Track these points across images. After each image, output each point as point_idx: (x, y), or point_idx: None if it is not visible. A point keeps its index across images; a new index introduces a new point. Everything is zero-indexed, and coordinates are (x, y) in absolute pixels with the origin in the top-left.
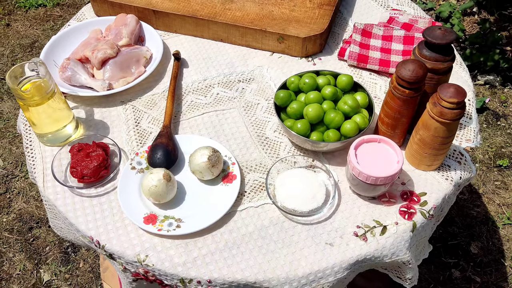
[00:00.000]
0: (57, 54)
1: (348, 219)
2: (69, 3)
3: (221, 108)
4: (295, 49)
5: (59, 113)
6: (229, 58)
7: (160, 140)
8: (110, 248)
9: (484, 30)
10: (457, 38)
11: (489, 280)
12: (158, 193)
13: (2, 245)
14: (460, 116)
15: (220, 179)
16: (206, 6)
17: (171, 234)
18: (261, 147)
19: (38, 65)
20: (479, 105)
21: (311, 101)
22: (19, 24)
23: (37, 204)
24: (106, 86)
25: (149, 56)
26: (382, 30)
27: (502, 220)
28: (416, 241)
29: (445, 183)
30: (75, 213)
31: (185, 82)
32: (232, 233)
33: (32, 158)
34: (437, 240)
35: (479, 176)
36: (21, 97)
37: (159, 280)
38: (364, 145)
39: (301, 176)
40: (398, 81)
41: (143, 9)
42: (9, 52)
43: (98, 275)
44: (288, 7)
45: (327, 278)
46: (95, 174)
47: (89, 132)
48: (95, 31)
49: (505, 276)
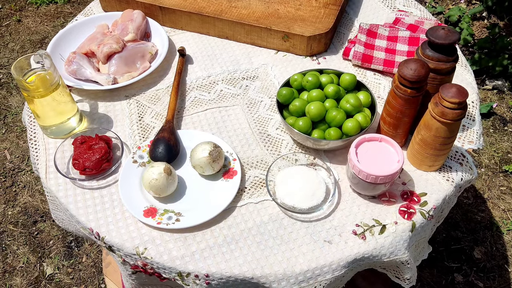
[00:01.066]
0: (64, 48)
1: (347, 217)
2: (79, 1)
3: (224, 104)
4: (300, 47)
5: (64, 105)
6: (234, 55)
7: (162, 135)
8: (109, 240)
9: (493, 35)
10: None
11: (492, 285)
12: (158, 187)
13: (7, 238)
14: (461, 116)
15: (220, 174)
16: (212, 3)
17: (170, 227)
18: (263, 144)
19: (44, 58)
20: (487, 109)
21: (314, 99)
22: (30, 20)
23: (42, 198)
24: (111, 81)
25: (154, 51)
26: (387, 30)
27: (506, 226)
28: (415, 241)
29: (446, 184)
30: (76, 204)
31: (189, 78)
32: (231, 228)
33: (36, 149)
34: (440, 244)
35: (485, 181)
36: (25, 89)
37: (157, 273)
38: (365, 144)
39: (302, 173)
40: (400, 80)
41: (150, 5)
42: (19, 48)
43: (101, 270)
44: (294, 6)
45: (324, 275)
46: (97, 166)
47: (93, 126)
48: (101, 26)
49: (508, 282)
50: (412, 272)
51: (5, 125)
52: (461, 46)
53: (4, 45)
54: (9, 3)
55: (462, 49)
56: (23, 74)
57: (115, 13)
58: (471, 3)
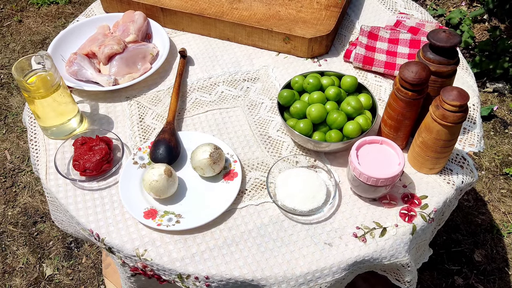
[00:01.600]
0: (65, 48)
1: (348, 220)
2: (81, 1)
3: (225, 106)
4: (301, 49)
5: (64, 106)
6: (235, 57)
7: (163, 136)
8: (109, 241)
9: (494, 38)
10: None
11: None
12: (158, 188)
13: (6, 238)
14: (462, 119)
15: (221, 176)
16: (213, 5)
17: (171, 229)
18: (264, 146)
19: (45, 58)
20: (487, 112)
21: (314, 101)
22: (31, 20)
23: (42, 199)
24: (112, 82)
25: (155, 53)
26: (388, 33)
27: (507, 229)
28: (416, 244)
29: (446, 187)
30: (76, 206)
31: (190, 80)
32: (231, 230)
33: (36, 150)
34: (440, 246)
35: (485, 184)
36: (26, 89)
37: (157, 275)
38: (366, 146)
39: (302, 175)
40: (401, 83)
41: (151, 7)
42: (20, 48)
43: (100, 271)
44: (295, 8)
45: (325, 278)
46: (97, 167)
47: (93, 127)
48: (102, 27)
49: (508, 285)
50: (413, 275)
51: (5, 126)
52: (462, 49)
53: (5, 46)
54: (10, 3)
55: (463, 52)
56: (24, 75)
57: (116, 14)
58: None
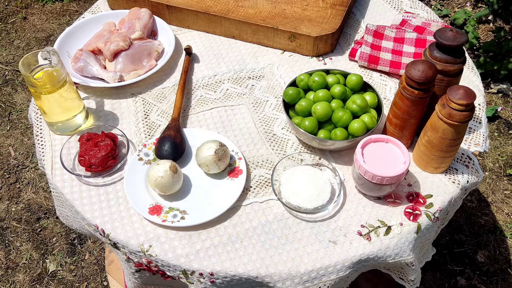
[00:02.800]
0: (71, 45)
1: (352, 218)
2: None
3: (230, 103)
4: (306, 48)
5: (70, 102)
6: (240, 55)
7: (168, 133)
8: (114, 237)
9: (498, 39)
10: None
11: None
12: (163, 184)
13: (10, 234)
14: (468, 118)
15: (226, 173)
16: (219, 2)
17: (175, 225)
18: (268, 144)
19: (51, 54)
20: (491, 113)
21: (320, 99)
22: (35, 17)
23: (45, 195)
24: (117, 78)
25: (160, 50)
26: (394, 32)
27: (510, 230)
28: (420, 243)
29: (451, 186)
30: (81, 201)
31: (196, 77)
32: (236, 227)
33: (42, 146)
34: (443, 247)
35: (489, 185)
36: (33, 85)
37: (161, 271)
38: (371, 145)
39: (307, 173)
40: (407, 81)
41: (157, 4)
42: (24, 45)
43: (103, 268)
44: (301, 6)
45: (329, 276)
46: (102, 163)
47: (99, 123)
48: (108, 23)
49: (511, 286)
50: (417, 273)
51: (9, 122)
52: (466, 49)
53: (10, 42)
54: (15, 0)
55: (468, 52)
56: (30, 70)
57: (122, 11)
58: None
